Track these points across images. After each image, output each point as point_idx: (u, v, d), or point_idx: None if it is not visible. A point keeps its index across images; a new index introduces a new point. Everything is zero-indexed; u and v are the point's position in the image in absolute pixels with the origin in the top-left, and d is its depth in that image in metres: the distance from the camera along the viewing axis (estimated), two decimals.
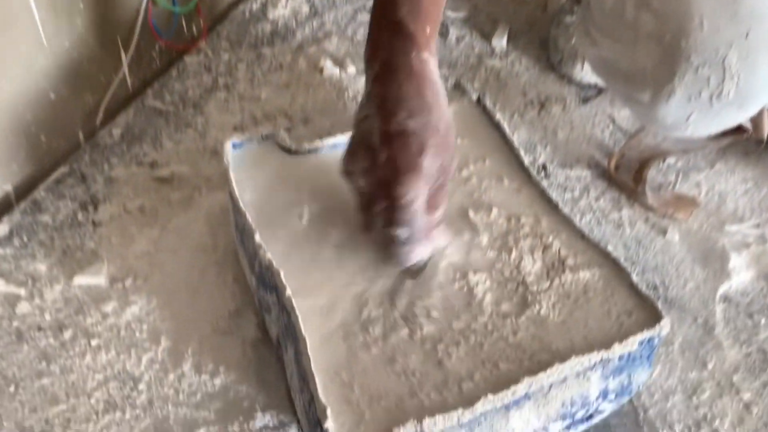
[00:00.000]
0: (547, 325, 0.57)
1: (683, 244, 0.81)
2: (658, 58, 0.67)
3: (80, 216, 0.79)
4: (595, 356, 0.54)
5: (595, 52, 0.76)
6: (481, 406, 0.50)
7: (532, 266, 0.61)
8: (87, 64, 0.84)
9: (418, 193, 0.55)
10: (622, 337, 0.55)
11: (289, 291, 0.56)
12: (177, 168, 0.84)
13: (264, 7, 1.05)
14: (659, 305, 0.58)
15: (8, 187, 0.79)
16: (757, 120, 0.82)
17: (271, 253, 0.59)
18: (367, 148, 0.57)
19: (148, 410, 0.64)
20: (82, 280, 0.72)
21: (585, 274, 0.61)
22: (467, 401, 0.51)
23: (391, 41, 0.58)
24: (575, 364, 0.53)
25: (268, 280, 0.59)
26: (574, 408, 0.56)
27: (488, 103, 0.75)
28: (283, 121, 0.90)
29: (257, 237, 0.60)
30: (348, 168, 0.58)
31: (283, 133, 0.69)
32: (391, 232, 0.57)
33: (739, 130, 0.85)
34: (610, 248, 0.62)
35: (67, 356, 0.67)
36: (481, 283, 0.60)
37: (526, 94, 0.97)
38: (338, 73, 0.97)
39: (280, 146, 0.69)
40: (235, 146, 0.69)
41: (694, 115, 0.69)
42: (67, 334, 0.68)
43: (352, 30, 1.03)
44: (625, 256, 0.79)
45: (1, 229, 0.76)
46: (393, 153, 0.55)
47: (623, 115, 0.94)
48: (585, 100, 0.97)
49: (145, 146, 0.87)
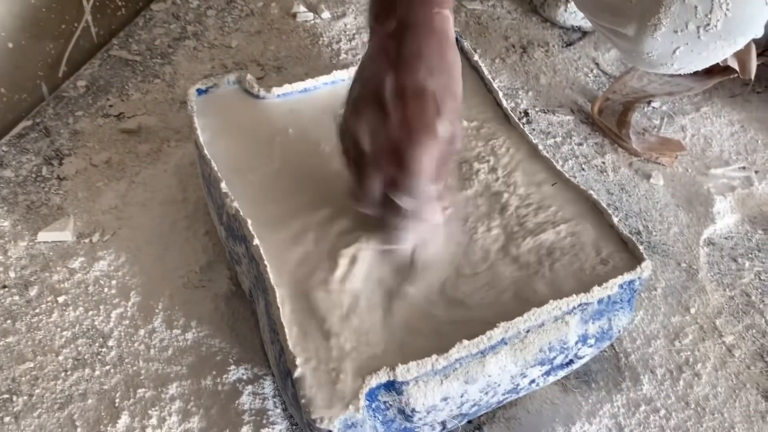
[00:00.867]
0: (528, 269, 0.55)
1: (667, 188, 0.79)
2: None
3: (44, 171, 0.76)
4: (574, 300, 0.52)
5: None
6: (456, 352, 0.49)
7: (513, 211, 0.59)
8: (46, 11, 0.80)
9: (430, 157, 0.50)
10: (601, 280, 0.54)
11: (256, 240, 0.54)
12: (144, 120, 0.81)
13: None
14: (641, 249, 0.56)
15: None
16: (743, 59, 0.79)
17: (239, 202, 0.57)
18: (377, 106, 0.51)
19: (119, 366, 0.62)
20: (47, 236, 0.70)
21: (566, 218, 0.59)
22: (442, 348, 0.49)
23: None
24: (553, 308, 0.51)
25: (237, 230, 0.57)
26: (553, 353, 0.54)
27: (466, 45, 0.72)
28: (255, 70, 0.87)
29: (223, 185, 0.58)
30: (351, 128, 0.52)
31: (251, 78, 0.66)
32: (395, 200, 0.51)
33: (725, 70, 0.83)
34: (591, 193, 0.60)
35: (33, 314, 0.65)
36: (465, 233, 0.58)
37: (508, 38, 0.94)
38: (312, 19, 0.93)
39: (248, 92, 0.66)
40: (200, 92, 0.66)
41: (680, 49, 0.66)
42: (33, 292, 0.66)
43: None
44: (608, 201, 0.77)
45: None
46: (409, 113, 0.50)
47: (608, 59, 0.92)
48: (568, 44, 0.94)
49: (111, 98, 0.83)
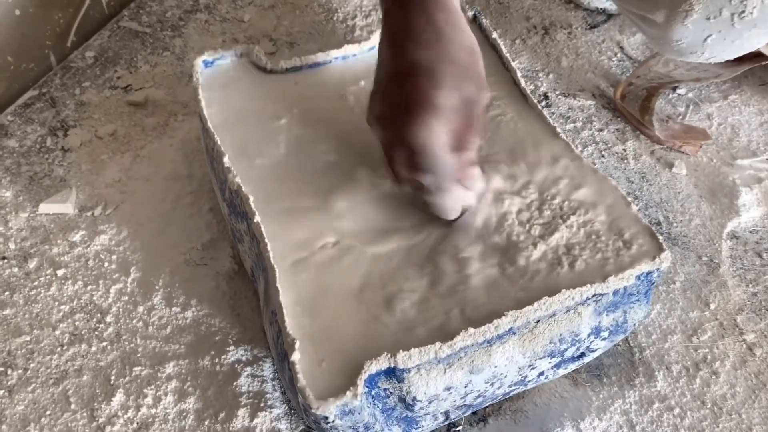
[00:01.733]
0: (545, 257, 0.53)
1: (690, 178, 0.75)
2: None
3: (49, 141, 0.74)
4: (588, 290, 0.50)
5: None
6: (461, 340, 0.47)
7: (531, 197, 0.57)
8: None
9: (433, 132, 0.48)
10: (617, 270, 0.51)
11: (258, 217, 0.52)
12: (152, 92, 0.79)
13: None
14: (662, 242, 0.53)
15: None
16: None
17: (242, 178, 0.55)
18: (381, 87, 0.51)
19: (116, 343, 0.60)
20: (49, 208, 0.68)
21: (584, 205, 0.56)
22: (446, 335, 0.47)
23: None
24: (565, 297, 0.49)
25: (239, 207, 0.55)
26: (564, 345, 0.52)
27: (485, 22, 0.69)
28: (267, 45, 0.85)
29: (226, 160, 0.56)
30: (369, 118, 0.53)
31: (259, 50, 0.64)
32: (415, 180, 0.50)
33: (757, 56, 0.79)
34: (611, 180, 0.57)
35: (31, 286, 0.63)
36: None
37: (530, 18, 0.91)
38: None
39: (256, 65, 0.64)
40: (207, 64, 0.63)
41: (712, 37, 0.63)
42: (32, 264, 0.65)
43: None
44: (628, 189, 0.74)
45: None
46: (404, 91, 0.49)
47: (633, 43, 0.88)
48: (592, 27, 0.91)
49: (120, 69, 0.81)
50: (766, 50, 0.76)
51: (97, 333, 0.61)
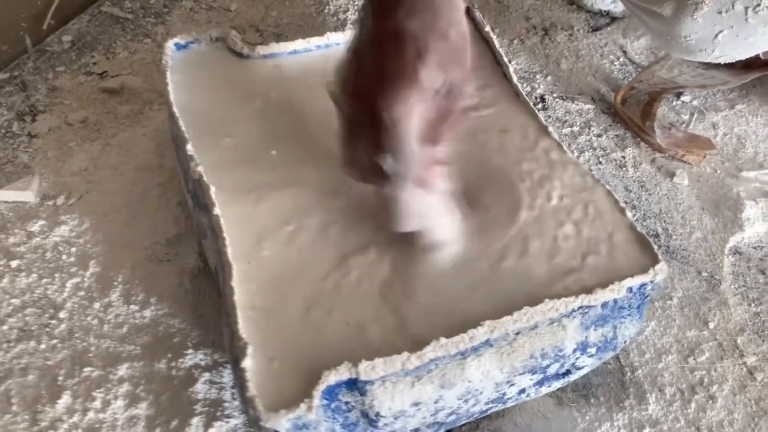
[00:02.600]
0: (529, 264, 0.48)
1: (692, 189, 0.71)
2: None
3: (15, 126, 0.70)
4: (573, 301, 0.45)
5: None
6: (431, 351, 0.42)
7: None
8: None
9: (408, 107, 0.42)
10: (607, 281, 0.46)
11: (217, 209, 0.48)
12: (128, 80, 0.75)
13: None
14: (658, 253, 0.49)
15: None
16: None
17: (207, 168, 0.51)
18: (357, 55, 0.45)
19: (67, 341, 0.56)
20: (7, 195, 0.64)
21: (575, 210, 0.52)
22: (416, 345, 0.42)
23: None
24: (548, 308, 0.45)
25: (201, 198, 0.51)
26: (546, 361, 0.47)
27: (478, 15, 0.65)
28: (253, 35, 0.81)
29: (189, 147, 0.52)
30: (334, 89, 0.47)
31: (235, 34, 0.60)
32: (375, 159, 0.44)
33: (767, 64, 0.75)
34: (606, 185, 0.53)
35: None
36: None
37: (530, 18, 0.87)
38: None
39: (231, 50, 0.60)
40: (180, 47, 0.60)
41: (724, 33, 0.59)
42: None
43: None
44: (625, 199, 0.70)
45: None
46: (383, 56, 0.43)
47: (636, 47, 0.84)
48: (595, 29, 0.87)
49: (97, 55, 0.78)
50: None
51: (48, 330, 0.57)
